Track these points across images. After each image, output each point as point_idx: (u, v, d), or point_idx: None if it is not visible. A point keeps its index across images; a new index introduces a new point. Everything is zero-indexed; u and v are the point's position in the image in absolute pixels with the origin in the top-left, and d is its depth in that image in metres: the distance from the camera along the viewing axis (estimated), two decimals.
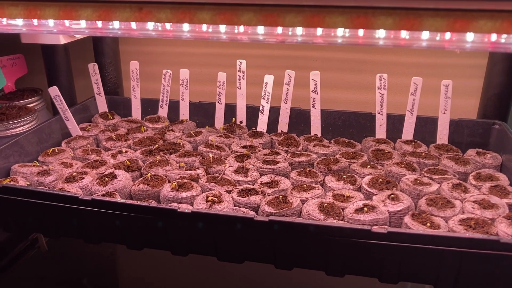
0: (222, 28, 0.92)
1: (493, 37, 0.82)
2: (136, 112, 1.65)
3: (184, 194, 1.10)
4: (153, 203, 1.08)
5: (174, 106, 1.61)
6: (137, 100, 1.65)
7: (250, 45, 1.70)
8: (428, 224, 1.01)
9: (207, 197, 1.08)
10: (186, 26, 0.94)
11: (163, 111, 1.63)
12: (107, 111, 1.66)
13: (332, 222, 0.99)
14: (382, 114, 1.45)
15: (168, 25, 0.93)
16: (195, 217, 0.96)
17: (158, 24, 0.94)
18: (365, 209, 1.05)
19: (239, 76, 1.54)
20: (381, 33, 0.87)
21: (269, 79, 1.51)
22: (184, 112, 1.61)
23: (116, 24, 0.97)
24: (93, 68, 1.61)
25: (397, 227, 1.06)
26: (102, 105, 1.67)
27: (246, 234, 0.97)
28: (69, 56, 1.66)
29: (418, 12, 0.77)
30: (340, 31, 0.88)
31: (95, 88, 1.64)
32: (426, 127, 1.44)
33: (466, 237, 0.86)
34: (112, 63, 1.74)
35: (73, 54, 1.70)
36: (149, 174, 1.18)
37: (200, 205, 1.07)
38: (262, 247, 0.98)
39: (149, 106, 1.65)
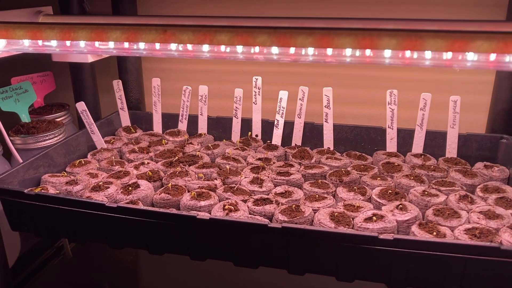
0: (239, 48, 1.00)
1: (492, 56, 0.88)
2: (157, 126, 1.74)
3: (202, 203, 1.17)
4: (173, 211, 1.16)
5: (193, 121, 1.69)
6: (158, 114, 1.73)
7: (265, 62, 1.78)
8: (435, 233, 1.05)
9: (224, 205, 1.15)
10: (206, 47, 1.02)
11: (182, 125, 1.70)
12: (130, 125, 1.74)
13: (342, 229, 1.04)
14: (392, 129, 1.50)
15: (189, 46, 1.01)
16: (213, 223, 1.02)
17: (180, 44, 1.02)
18: (374, 218, 1.10)
19: (255, 92, 1.60)
20: (387, 53, 0.94)
21: (283, 94, 1.57)
22: (202, 126, 1.68)
23: (141, 45, 1.06)
24: (117, 85, 1.71)
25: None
26: (125, 119, 1.76)
27: (260, 240, 1.03)
28: (94, 73, 1.76)
29: (419, 33, 0.84)
30: (349, 51, 0.95)
31: (119, 103, 1.73)
32: (435, 141, 1.47)
33: (468, 244, 0.91)
34: (135, 80, 1.83)
35: (98, 72, 1.80)
36: (170, 184, 1.26)
37: (218, 213, 1.13)
38: (276, 253, 1.03)
39: (170, 120, 1.73)
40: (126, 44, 1.07)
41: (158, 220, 1.06)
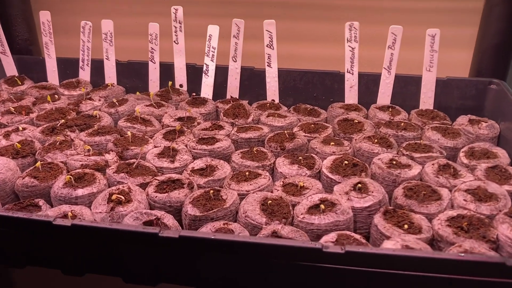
0: None
1: None
2: (53, 75, 1.37)
3: (80, 192, 0.82)
4: (40, 204, 0.81)
5: (99, 67, 1.34)
6: (52, 60, 1.35)
7: None
8: (406, 226, 0.78)
9: (111, 195, 0.80)
10: None
11: (84, 74, 1.35)
12: (17, 75, 1.34)
13: (264, 238, 0.71)
14: (352, 73, 1.21)
15: None
16: (77, 231, 0.68)
17: None
18: (322, 206, 0.78)
19: (176, 27, 1.27)
20: None
21: (213, 30, 1.25)
22: (110, 74, 1.33)
23: None
24: None
25: (365, 228, 0.81)
26: (10, 67, 1.36)
27: (153, 252, 0.70)
28: None
29: None
30: None
31: None
32: (407, 89, 1.21)
33: (457, 260, 0.59)
34: (21, 14, 1.41)
35: None
36: (39, 163, 0.89)
37: (99, 208, 0.79)
38: (180, 268, 0.71)
39: (68, 67, 1.37)
40: None
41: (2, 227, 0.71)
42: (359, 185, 0.85)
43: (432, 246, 0.75)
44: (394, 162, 0.93)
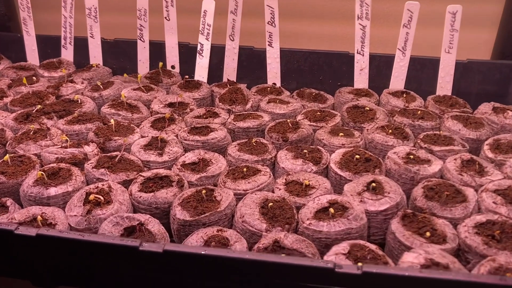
0: None
1: None
2: (32, 54, 1.27)
3: (53, 191, 0.72)
4: (8, 204, 0.71)
5: (83, 46, 1.24)
6: (31, 37, 1.25)
7: None
8: (428, 234, 0.69)
9: (88, 194, 0.70)
10: None
11: (67, 53, 1.25)
12: None
13: (264, 254, 0.61)
14: (363, 55, 1.14)
15: None
16: (43, 242, 0.58)
17: None
18: (332, 210, 0.68)
19: (167, 2, 1.19)
20: None
21: (208, 5, 1.16)
22: (95, 54, 1.23)
23: None
24: None
25: (380, 235, 0.71)
26: None
27: (134, 266, 0.60)
28: None
29: None
30: None
31: None
32: (423, 72, 1.13)
33: (500, 285, 0.49)
34: None
35: None
36: (7, 156, 0.78)
37: (75, 210, 0.69)
38: (164, 285, 0.61)
39: (49, 46, 1.27)
40: None
41: None
42: (373, 184, 0.74)
43: (458, 258, 0.65)
44: (412, 157, 0.83)
